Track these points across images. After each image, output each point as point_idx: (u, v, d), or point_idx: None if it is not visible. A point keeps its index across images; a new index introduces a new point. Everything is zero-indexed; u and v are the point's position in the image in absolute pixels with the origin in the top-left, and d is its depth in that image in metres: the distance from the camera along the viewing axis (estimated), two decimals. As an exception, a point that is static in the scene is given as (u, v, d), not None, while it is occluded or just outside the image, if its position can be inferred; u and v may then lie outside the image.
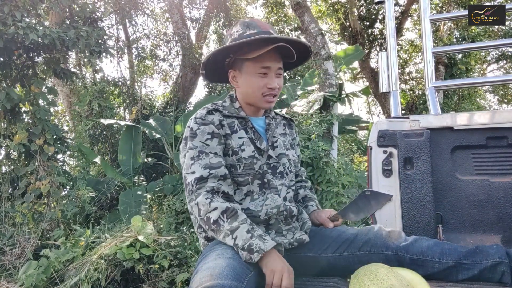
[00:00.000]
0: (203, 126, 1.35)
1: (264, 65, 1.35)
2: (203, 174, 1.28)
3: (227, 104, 1.46)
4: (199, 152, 1.31)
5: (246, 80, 1.39)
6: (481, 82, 2.22)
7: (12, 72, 4.74)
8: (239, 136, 1.39)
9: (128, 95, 8.79)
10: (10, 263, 3.83)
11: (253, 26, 1.38)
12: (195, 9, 10.62)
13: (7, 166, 5.04)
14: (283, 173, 1.46)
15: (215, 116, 1.38)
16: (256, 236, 1.20)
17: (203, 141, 1.33)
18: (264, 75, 1.36)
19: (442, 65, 8.62)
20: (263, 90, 1.37)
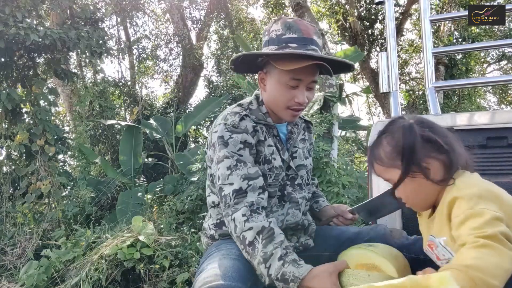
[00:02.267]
0: (235, 135, 1.23)
1: (296, 77, 1.23)
2: (242, 186, 1.18)
3: (254, 108, 1.34)
4: (237, 161, 1.20)
5: (274, 87, 1.28)
6: (481, 83, 2.22)
7: (13, 72, 4.75)
8: (268, 144, 1.31)
9: (129, 96, 8.80)
10: (11, 263, 3.84)
11: (295, 29, 1.25)
12: (196, 9, 10.64)
13: (8, 167, 5.05)
14: (301, 185, 1.40)
15: (248, 122, 1.27)
16: (289, 261, 1.07)
17: (235, 151, 1.22)
18: (294, 87, 1.25)
19: (442, 66, 8.63)
20: (290, 103, 1.26)
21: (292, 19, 1.28)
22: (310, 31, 1.27)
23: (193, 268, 3.11)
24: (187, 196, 3.99)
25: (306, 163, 1.44)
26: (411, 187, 0.95)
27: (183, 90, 9.36)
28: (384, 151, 0.97)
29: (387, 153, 0.96)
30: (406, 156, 0.93)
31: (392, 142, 0.96)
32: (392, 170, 0.95)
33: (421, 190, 0.95)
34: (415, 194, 0.96)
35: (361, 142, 7.53)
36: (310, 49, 1.23)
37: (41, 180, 4.58)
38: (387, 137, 0.98)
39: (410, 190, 0.96)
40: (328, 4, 10.34)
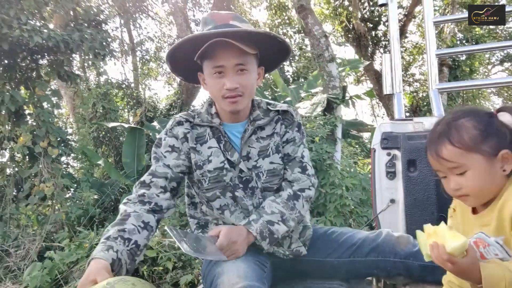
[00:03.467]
0: (168, 138, 1.31)
1: (217, 63, 1.22)
2: (146, 180, 1.26)
3: (203, 110, 1.35)
4: (154, 158, 1.31)
5: (209, 84, 1.29)
6: (485, 84, 2.21)
7: (17, 74, 4.77)
8: (208, 146, 1.31)
9: (132, 98, 8.83)
10: (15, 265, 3.85)
11: (209, 21, 1.27)
12: (199, 11, 10.67)
13: (12, 168, 5.07)
14: (254, 188, 1.33)
15: (182, 128, 1.31)
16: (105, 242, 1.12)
17: (163, 152, 1.30)
18: (221, 75, 1.23)
19: (446, 67, 8.59)
20: (222, 92, 1.24)
21: (208, 14, 1.32)
22: (225, 17, 1.27)
23: (196, 270, 3.10)
24: (190, 198, 3.98)
25: (262, 163, 1.33)
26: (483, 175, 0.92)
27: (186, 92, 9.38)
28: (469, 134, 0.92)
29: (473, 135, 0.92)
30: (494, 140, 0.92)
31: (479, 126, 0.93)
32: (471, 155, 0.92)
33: (491, 181, 0.93)
34: (484, 183, 0.93)
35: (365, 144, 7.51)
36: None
37: (44, 182, 4.59)
38: (470, 121, 0.94)
39: (481, 178, 0.92)
40: (332, 6, 10.34)
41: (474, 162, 0.92)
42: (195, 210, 1.44)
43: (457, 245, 0.82)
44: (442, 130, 0.95)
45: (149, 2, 10.61)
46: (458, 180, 0.94)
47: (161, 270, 3.15)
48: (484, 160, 0.92)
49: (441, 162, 0.95)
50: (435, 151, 0.95)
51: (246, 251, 1.23)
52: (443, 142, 0.94)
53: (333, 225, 3.40)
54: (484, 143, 0.92)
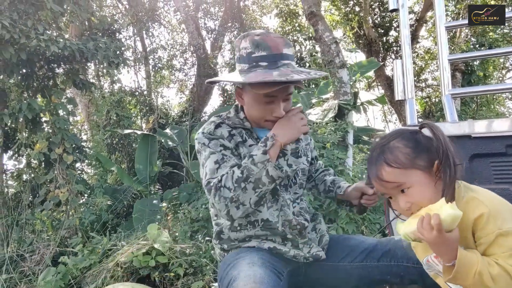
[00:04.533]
0: (214, 140, 1.32)
1: (267, 91, 1.25)
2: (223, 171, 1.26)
3: (232, 115, 1.40)
4: (223, 155, 1.28)
5: (251, 103, 1.33)
6: (499, 89, 2.18)
7: (34, 83, 4.90)
8: (249, 144, 1.36)
9: (145, 105, 8.96)
10: (29, 270, 3.91)
11: (263, 47, 1.26)
12: (211, 20, 10.80)
13: (28, 175, 5.18)
14: (287, 186, 1.40)
15: (223, 129, 1.35)
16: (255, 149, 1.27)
17: (217, 150, 1.30)
18: (270, 103, 1.30)
19: (459, 72, 8.48)
20: (268, 117, 1.32)
21: (259, 36, 1.29)
22: (279, 45, 1.28)
23: (207, 277, 3.10)
24: (201, 204, 4.01)
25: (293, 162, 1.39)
26: (426, 187, 0.97)
27: (197, 99, 9.47)
28: (403, 153, 0.98)
29: (407, 153, 0.98)
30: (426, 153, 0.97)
31: (410, 144, 0.99)
32: (410, 171, 0.97)
33: (434, 190, 0.97)
34: (429, 194, 0.96)
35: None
36: (281, 65, 1.26)
37: (59, 188, 4.67)
38: (400, 141, 1.00)
39: (425, 190, 0.97)
40: (343, 12, 10.34)
41: (414, 177, 0.97)
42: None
43: (451, 213, 0.85)
44: (377, 155, 1.00)
45: (161, 11, 10.80)
46: (405, 198, 0.97)
47: (173, 276, 3.16)
48: (423, 173, 0.97)
49: (384, 185, 0.99)
50: (376, 175, 0.99)
51: (264, 258, 1.26)
52: (382, 166, 0.98)
53: (345, 232, 3.38)
54: (418, 158, 0.97)
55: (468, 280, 0.86)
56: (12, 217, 4.63)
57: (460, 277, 0.87)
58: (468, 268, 0.86)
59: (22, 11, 4.21)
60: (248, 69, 1.28)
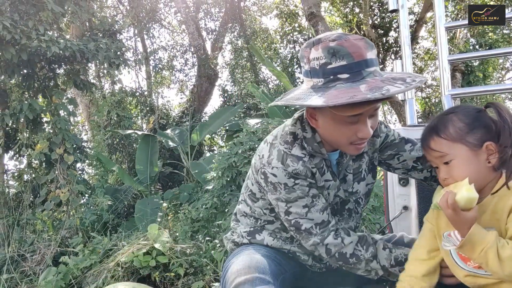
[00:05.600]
0: (299, 180, 1.13)
1: (356, 112, 1.01)
2: (324, 218, 1.16)
3: (309, 136, 1.16)
4: (312, 197, 1.15)
5: (328, 125, 1.09)
6: (499, 90, 2.18)
7: (35, 83, 4.91)
8: (325, 179, 1.20)
9: (145, 105, 8.97)
10: (30, 269, 3.92)
11: (342, 54, 0.99)
12: (211, 20, 10.81)
13: (29, 175, 5.19)
14: (351, 211, 1.31)
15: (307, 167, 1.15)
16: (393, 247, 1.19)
17: (306, 192, 1.15)
18: (354, 123, 1.05)
19: (459, 72, 8.50)
20: (352, 139, 1.08)
21: (335, 42, 1.01)
22: (361, 49, 1.01)
23: (207, 277, 3.11)
24: (202, 204, 4.01)
25: (358, 188, 1.28)
26: (468, 165, 0.98)
27: (198, 100, 9.48)
28: (455, 126, 1.00)
29: (459, 128, 0.99)
30: (480, 132, 0.99)
31: (466, 120, 1.00)
32: (457, 145, 0.99)
33: (476, 171, 0.98)
34: (468, 172, 0.97)
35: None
36: (366, 74, 1.01)
37: (60, 188, 4.68)
38: (458, 115, 1.02)
39: (465, 168, 0.98)
40: (342, 13, 10.36)
41: (458, 152, 0.98)
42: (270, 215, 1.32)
43: (465, 196, 0.89)
44: (433, 124, 1.04)
45: (162, 12, 10.81)
46: (446, 169, 1.01)
47: (173, 276, 3.17)
48: (469, 150, 0.98)
49: (429, 152, 1.03)
50: (425, 142, 1.04)
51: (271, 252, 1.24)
52: (431, 134, 1.02)
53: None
54: (469, 135, 0.98)
55: (474, 254, 0.92)
56: (13, 217, 4.64)
57: (467, 250, 0.93)
58: (476, 245, 0.91)
59: (23, 11, 4.22)
60: (324, 85, 1.02)
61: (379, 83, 0.99)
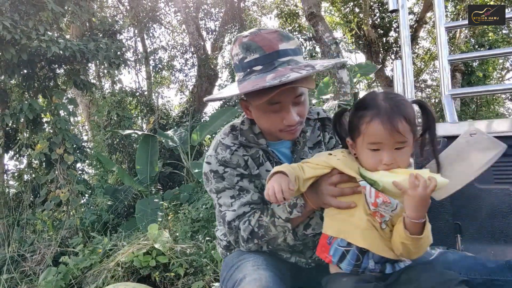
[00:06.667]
0: (229, 169, 1.20)
1: (273, 101, 1.09)
2: (245, 210, 1.21)
3: (246, 128, 1.24)
4: (239, 190, 1.20)
5: (258, 115, 1.17)
6: (499, 90, 2.19)
7: (35, 83, 4.91)
8: (266, 169, 1.23)
9: (146, 105, 8.97)
10: (30, 269, 3.92)
11: (254, 48, 1.09)
12: (211, 20, 10.82)
13: (29, 175, 5.19)
14: None
15: (240, 157, 1.21)
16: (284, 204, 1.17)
17: (234, 182, 1.20)
18: (277, 111, 1.12)
19: (459, 73, 8.50)
20: (280, 126, 1.14)
21: (247, 37, 1.11)
22: (272, 42, 1.09)
23: (207, 277, 3.11)
24: (202, 204, 4.02)
25: None
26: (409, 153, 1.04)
27: (198, 100, 9.48)
28: (413, 114, 1.02)
29: (413, 116, 1.02)
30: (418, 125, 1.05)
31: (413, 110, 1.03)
32: (411, 133, 1.01)
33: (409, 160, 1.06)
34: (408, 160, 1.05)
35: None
36: (279, 64, 1.08)
37: (60, 188, 4.68)
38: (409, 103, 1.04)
39: (409, 155, 1.04)
40: (343, 13, 10.36)
41: (410, 139, 1.01)
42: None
43: (442, 181, 0.94)
44: (395, 107, 1.00)
45: (162, 12, 10.81)
46: (394, 154, 1.00)
47: (173, 276, 3.16)
48: (413, 140, 1.03)
49: (393, 135, 0.98)
50: (392, 123, 0.98)
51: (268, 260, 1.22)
52: (399, 117, 0.98)
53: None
54: (416, 125, 1.03)
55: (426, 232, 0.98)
56: (13, 217, 4.64)
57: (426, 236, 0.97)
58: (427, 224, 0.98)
59: (23, 12, 4.22)
60: (243, 78, 1.12)
61: (287, 71, 1.04)
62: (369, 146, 1.01)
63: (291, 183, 1.00)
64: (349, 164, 1.08)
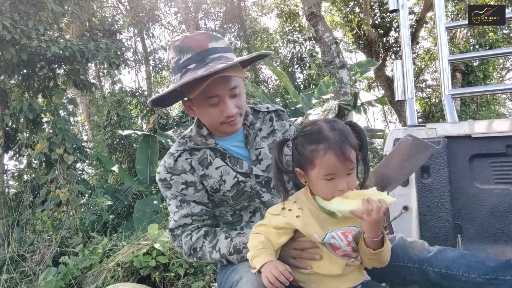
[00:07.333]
0: (175, 177, 1.28)
1: (210, 95, 1.19)
2: (187, 222, 1.29)
3: (194, 134, 1.33)
4: (181, 201, 1.29)
5: (200, 112, 1.26)
6: (499, 90, 2.18)
7: (35, 83, 4.91)
8: (216, 167, 1.30)
9: (145, 105, 8.96)
10: (30, 270, 3.92)
11: (186, 49, 1.20)
12: (211, 20, 10.82)
13: (29, 175, 5.19)
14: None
15: (183, 161, 1.29)
16: (234, 236, 1.24)
17: (179, 191, 1.28)
18: (215, 104, 1.21)
19: (459, 72, 8.50)
20: (221, 119, 1.23)
21: (179, 40, 1.23)
22: (202, 42, 1.20)
23: (207, 277, 3.11)
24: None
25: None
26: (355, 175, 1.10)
27: (198, 100, 9.46)
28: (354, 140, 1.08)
29: (355, 142, 1.08)
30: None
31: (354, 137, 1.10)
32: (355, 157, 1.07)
33: None
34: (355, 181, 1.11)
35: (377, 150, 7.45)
36: (210, 60, 1.18)
37: (60, 188, 4.68)
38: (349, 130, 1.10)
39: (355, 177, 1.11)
40: (343, 13, 10.36)
41: (355, 163, 1.08)
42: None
43: (392, 200, 1.02)
44: (342, 135, 1.06)
45: (161, 12, 10.81)
46: (347, 179, 1.06)
47: (173, 276, 3.16)
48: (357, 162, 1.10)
49: (346, 164, 1.05)
50: (344, 154, 1.04)
51: None
52: (349, 146, 1.05)
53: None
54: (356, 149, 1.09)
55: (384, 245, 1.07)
56: (13, 217, 4.64)
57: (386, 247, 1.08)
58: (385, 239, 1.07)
59: (23, 11, 4.22)
60: (180, 78, 1.21)
61: (216, 64, 1.15)
62: (325, 177, 1.05)
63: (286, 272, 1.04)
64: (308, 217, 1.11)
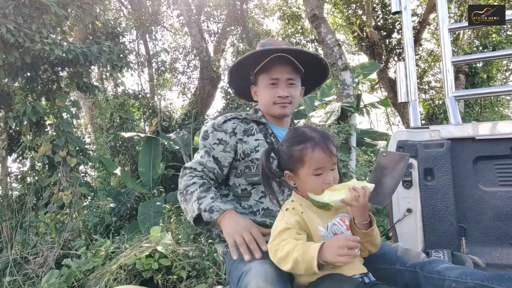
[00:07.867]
0: (215, 132, 1.51)
1: (273, 76, 1.50)
2: (197, 168, 1.46)
3: (251, 113, 1.60)
4: (205, 152, 1.49)
5: (261, 92, 1.55)
6: (503, 91, 2.17)
7: (38, 86, 4.93)
8: (255, 139, 1.51)
9: (148, 108, 8.98)
10: (33, 272, 3.92)
11: (266, 44, 1.56)
12: (213, 23, 10.84)
13: (32, 177, 5.20)
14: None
15: (230, 123, 1.52)
16: (218, 199, 1.37)
17: (211, 143, 1.49)
18: (274, 86, 1.50)
19: (463, 74, 8.46)
20: (274, 99, 1.50)
21: (267, 39, 1.59)
22: (280, 43, 1.57)
23: (210, 279, 3.10)
24: (204, 206, 3.99)
25: None
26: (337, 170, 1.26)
27: (200, 102, 9.48)
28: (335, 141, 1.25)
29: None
30: None
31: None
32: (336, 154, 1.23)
33: None
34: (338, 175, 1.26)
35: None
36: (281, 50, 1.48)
37: (63, 190, 4.69)
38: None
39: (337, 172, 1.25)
40: (345, 15, 10.35)
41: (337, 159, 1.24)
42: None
43: (371, 185, 1.15)
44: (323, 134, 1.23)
45: (164, 15, 10.85)
46: (333, 174, 1.21)
47: (176, 279, 3.16)
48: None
49: (331, 158, 1.20)
50: (329, 148, 1.19)
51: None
52: (331, 142, 1.21)
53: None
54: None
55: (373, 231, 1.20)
56: (16, 220, 4.65)
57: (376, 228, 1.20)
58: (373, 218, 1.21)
59: (27, 15, 4.24)
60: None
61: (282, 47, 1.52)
62: (314, 172, 1.18)
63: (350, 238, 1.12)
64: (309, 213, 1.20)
